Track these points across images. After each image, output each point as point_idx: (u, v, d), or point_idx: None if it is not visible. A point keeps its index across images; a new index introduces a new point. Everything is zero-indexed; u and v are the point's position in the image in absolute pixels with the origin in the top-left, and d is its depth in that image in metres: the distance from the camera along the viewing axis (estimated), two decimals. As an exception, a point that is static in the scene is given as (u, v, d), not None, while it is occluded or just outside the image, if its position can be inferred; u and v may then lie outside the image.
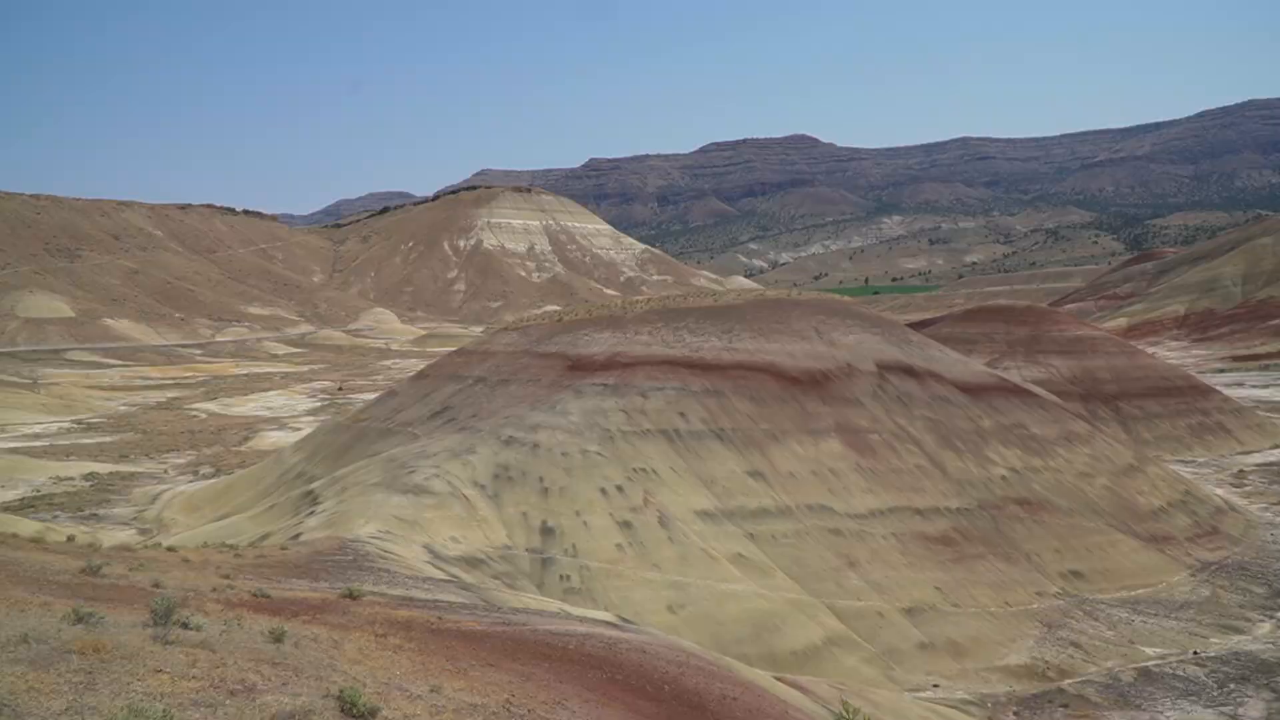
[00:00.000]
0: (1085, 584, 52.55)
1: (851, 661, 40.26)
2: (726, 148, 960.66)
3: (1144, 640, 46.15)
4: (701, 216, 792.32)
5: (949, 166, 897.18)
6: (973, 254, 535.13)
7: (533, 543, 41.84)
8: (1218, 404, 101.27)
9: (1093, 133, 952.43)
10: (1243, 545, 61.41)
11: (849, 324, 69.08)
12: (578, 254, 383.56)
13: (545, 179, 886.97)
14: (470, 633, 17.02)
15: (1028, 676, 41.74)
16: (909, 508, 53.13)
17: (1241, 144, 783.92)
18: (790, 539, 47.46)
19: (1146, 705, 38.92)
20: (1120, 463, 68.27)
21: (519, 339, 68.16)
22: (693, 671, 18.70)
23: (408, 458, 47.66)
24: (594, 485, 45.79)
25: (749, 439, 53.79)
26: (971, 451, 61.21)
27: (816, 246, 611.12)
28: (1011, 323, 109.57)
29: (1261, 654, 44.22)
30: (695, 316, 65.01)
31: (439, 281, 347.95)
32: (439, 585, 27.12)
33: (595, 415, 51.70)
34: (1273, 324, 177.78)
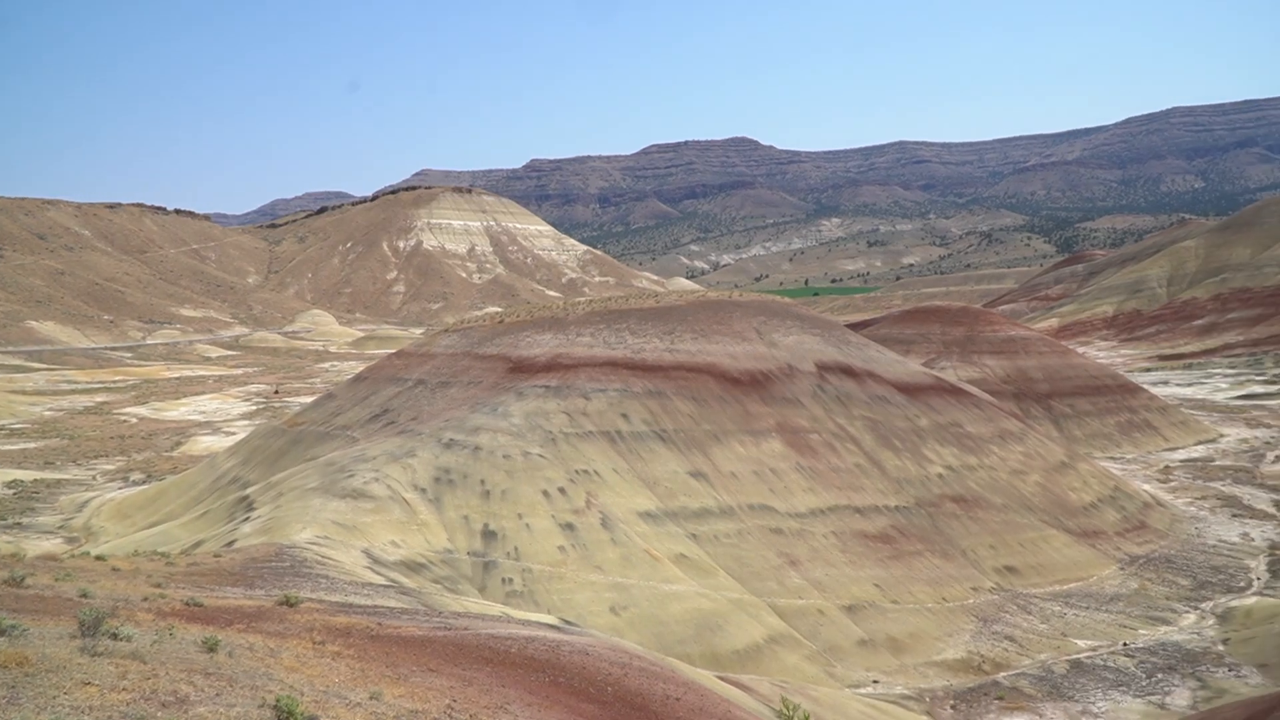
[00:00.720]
0: (1019, 579, 53.70)
1: (793, 659, 40.63)
2: (668, 149, 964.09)
3: (1075, 633, 47.29)
4: (643, 218, 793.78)
5: (886, 170, 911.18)
6: (910, 256, 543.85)
7: (474, 546, 41.53)
8: (1145, 402, 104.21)
9: (1024, 138, 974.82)
10: (1169, 539, 63.26)
11: (789, 325, 69.74)
12: (519, 255, 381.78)
13: (486, 179, 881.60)
14: (411, 638, 16.83)
15: (964, 670, 42.52)
16: (849, 506, 53.80)
17: (1166, 150, 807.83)
18: (732, 539, 47.76)
19: (1078, 696, 39.88)
20: (1052, 460, 69.89)
21: (460, 341, 67.62)
22: (636, 673, 18.70)
23: (346, 461, 46.99)
24: (536, 487, 45.61)
25: (691, 439, 54.01)
26: (909, 450, 62.18)
27: (757, 248, 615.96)
28: (947, 324, 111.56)
29: (1187, 644, 45.60)
30: (637, 318, 65.11)
31: (378, 283, 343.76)
32: (379, 591, 26.78)
33: (537, 417, 51.50)
34: (1196, 324, 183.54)
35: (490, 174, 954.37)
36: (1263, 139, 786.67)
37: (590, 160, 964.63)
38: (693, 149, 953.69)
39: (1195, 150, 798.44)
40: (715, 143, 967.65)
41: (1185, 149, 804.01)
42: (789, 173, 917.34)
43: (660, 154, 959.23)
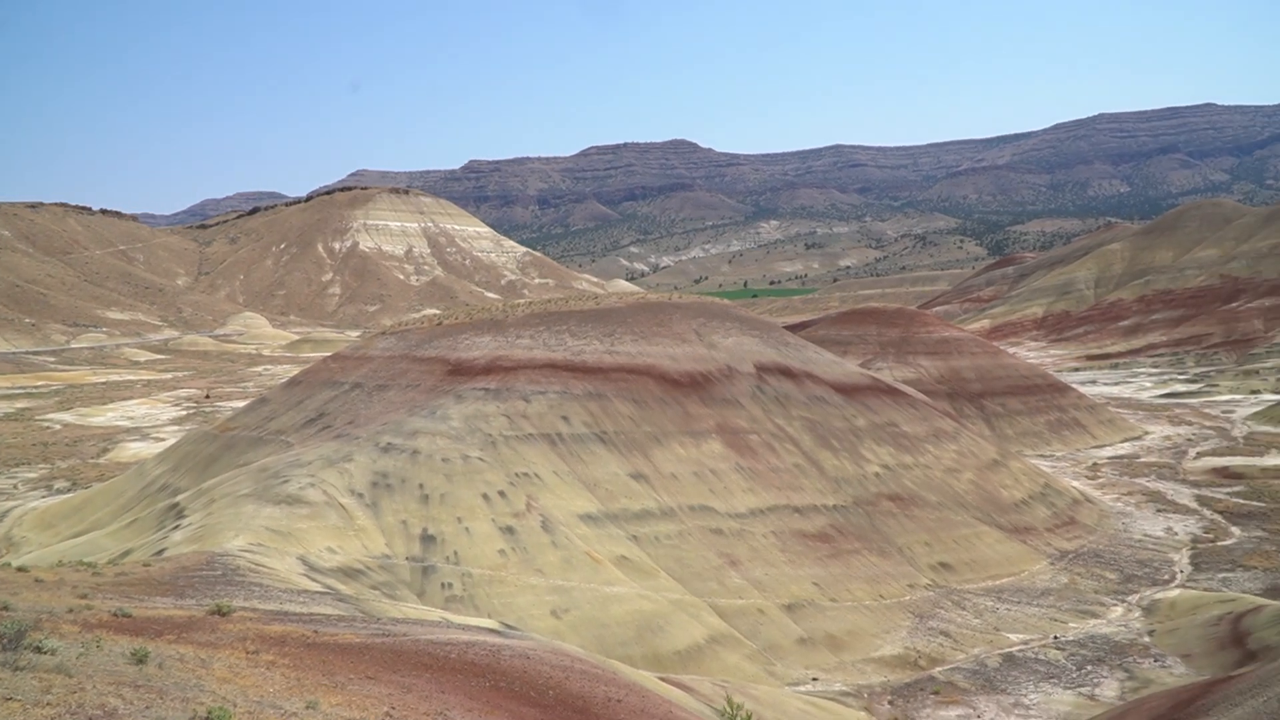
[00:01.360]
0: (954, 575, 54.72)
1: (734, 659, 40.89)
2: (607, 151, 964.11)
3: (1008, 627, 48.33)
4: (582, 220, 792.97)
5: (823, 173, 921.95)
6: (846, 258, 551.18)
7: (413, 551, 41.08)
8: (1073, 401, 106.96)
9: (957, 143, 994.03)
10: (1097, 534, 64.99)
11: (728, 326, 70.22)
12: (457, 257, 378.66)
13: (424, 180, 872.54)
14: (348, 646, 16.58)
15: (901, 666, 43.19)
16: (788, 506, 54.32)
17: (1093, 155, 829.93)
18: (673, 540, 47.92)
19: (1011, 689, 40.76)
20: (985, 458, 71.36)
21: (397, 343, 66.87)
22: (577, 675, 18.66)
23: (281, 467, 46.15)
24: (476, 491, 45.27)
25: (631, 441, 54.08)
26: (847, 450, 63.00)
27: (696, 250, 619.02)
28: (883, 325, 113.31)
29: (1115, 636, 46.88)
30: (577, 320, 65.01)
31: (313, 285, 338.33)
32: (315, 598, 26.35)
33: (476, 420, 51.13)
34: (1122, 324, 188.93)
35: (428, 175, 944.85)
36: (1184, 145, 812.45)
37: (529, 162, 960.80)
38: (632, 151, 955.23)
39: (1120, 156, 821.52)
40: (654, 145, 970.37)
41: (1111, 154, 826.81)
42: (727, 175, 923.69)
43: (599, 156, 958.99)
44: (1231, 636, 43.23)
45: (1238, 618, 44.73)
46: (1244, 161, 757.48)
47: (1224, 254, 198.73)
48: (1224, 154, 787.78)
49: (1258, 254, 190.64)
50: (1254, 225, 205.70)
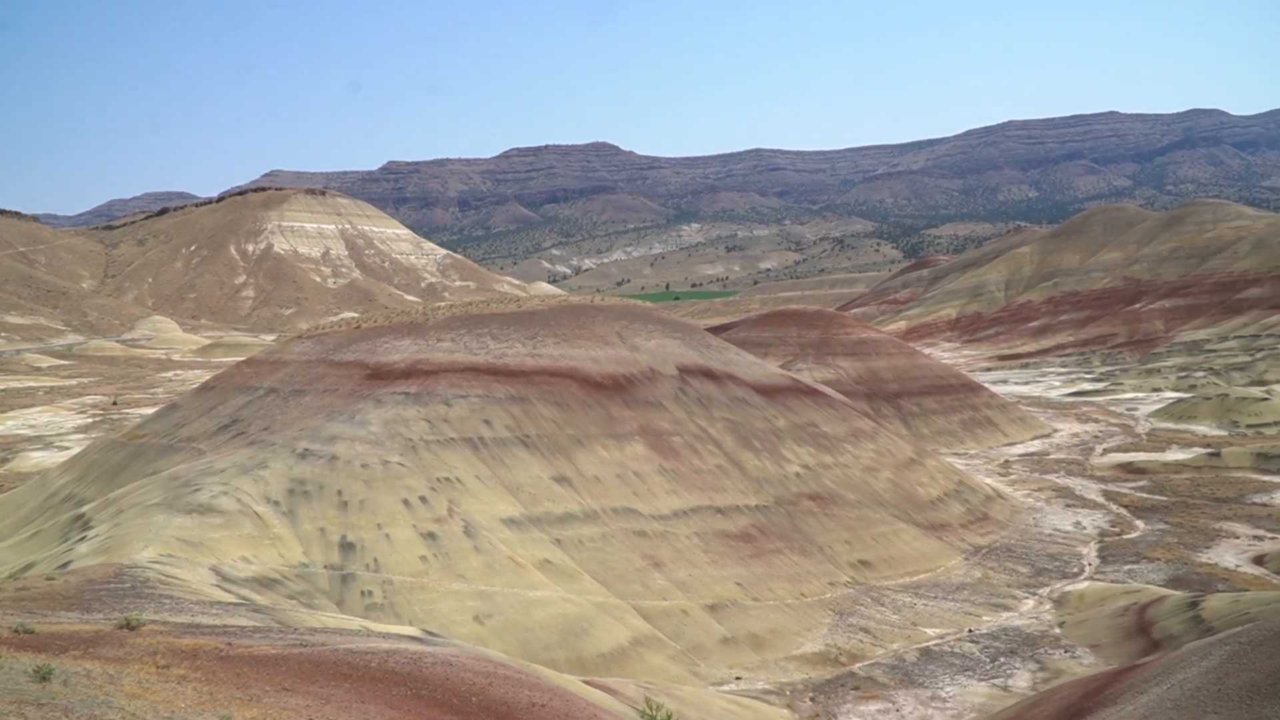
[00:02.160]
0: (873, 572, 55.73)
1: (658, 660, 41.00)
2: (529, 153, 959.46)
3: (925, 622, 49.40)
4: (504, 222, 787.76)
5: (744, 177, 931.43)
6: (767, 261, 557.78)
7: (332, 559, 40.27)
8: (986, 400, 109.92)
9: (873, 148, 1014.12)
10: (1009, 529, 66.86)
11: (651, 329, 70.45)
12: (376, 259, 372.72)
13: (341, 181, 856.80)
14: (263, 657, 16.16)
15: (822, 663, 43.81)
16: (711, 507, 54.69)
17: (1003, 161, 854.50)
18: (597, 543, 47.86)
19: (928, 682, 41.67)
20: (902, 457, 72.86)
21: (314, 347, 65.51)
22: (500, 681, 18.50)
23: (192, 475, 44.82)
24: (396, 497, 44.59)
25: (554, 444, 53.86)
26: (768, 450, 63.70)
27: (619, 253, 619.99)
28: (803, 327, 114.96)
29: (1026, 629, 48.27)
30: (499, 323, 64.53)
31: (225, 288, 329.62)
32: (229, 609, 25.64)
33: (397, 425, 50.37)
34: (1031, 325, 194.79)
35: (345, 175, 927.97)
36: (1089, 151, 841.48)
37: (449, 163, 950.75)
38: (553, 153, 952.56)
39: (1029, 161, 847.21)
40: (576, 147, 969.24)
41: (1020, 160, 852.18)
42: (649, 178, 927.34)
43: (521, 158, 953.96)
44: (1137, 626, 44.86)
45: (1143, 608, 46.44)
46: (1145, 168, 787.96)
47: (1127, 257, 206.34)
48: (1127, 160, 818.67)
49: (1158, 257, 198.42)
50: (1155, 229, 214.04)
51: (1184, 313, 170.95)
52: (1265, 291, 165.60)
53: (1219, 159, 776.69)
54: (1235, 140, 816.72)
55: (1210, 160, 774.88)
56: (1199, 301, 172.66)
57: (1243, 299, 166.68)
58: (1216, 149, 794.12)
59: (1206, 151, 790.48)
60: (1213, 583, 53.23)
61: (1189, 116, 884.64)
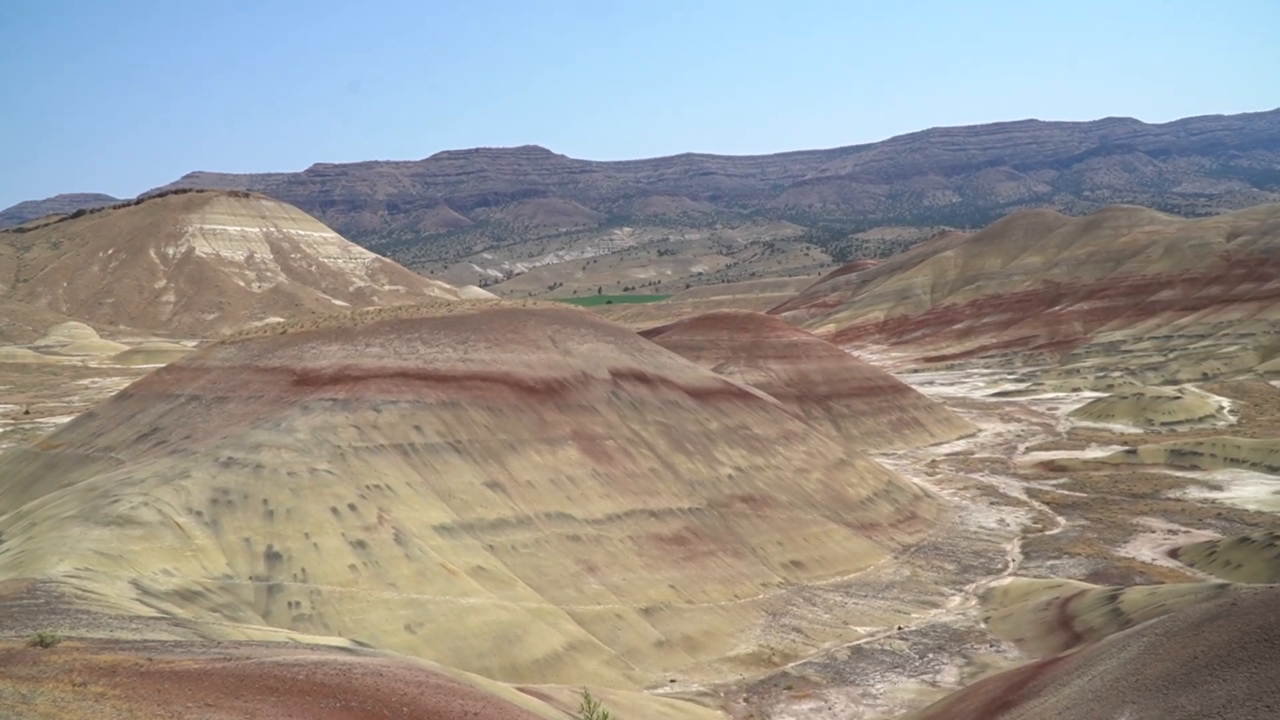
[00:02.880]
0: (805, 572, 56.35)
1: (593, 665, 40.89)
2: (459, 156, 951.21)
3: (856, 620, 50.09)
4: (434, 225, 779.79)
5: (675, 181, 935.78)
6: (698, 264, 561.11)
7: (257, 570, 39.36)
8: (913, 401, 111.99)
9: (802, 153, 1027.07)
10: (936, 528, 68.18)
11: (583, 333, 70.34)
12: (302, 263, 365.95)
13: (265, 183, 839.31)
14: (186, 672, 15.71)
15: (756, 664, 44.14)
16: (644, 510, 54.77)
17: (928, 166, 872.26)
18: (530, 548, 47.58)
19: (859, 680, 42.25)
20: (832, 458, 73.84)
21: (238, 353, 64.05)
22: (432, 690, 18.25)
23: (110, 486, 43.44)
24: (324, 505, 43.78)
25: (487, 450, 53.43)
26: (701, 453, 64.03)
27: (551, 257, 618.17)
28: (735, 330, 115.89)
29: (953, 625, 49.25)
30: (429, 327, 63.82)
31: (145, 292, 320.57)
32: (149, 624, 24.88)
33: (324, 432, 49.47)
34: (956, 328, 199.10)
35: (270, 178, 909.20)
36: (1010, 158, 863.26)
37: (378, 165, 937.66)
38: (484, 156, 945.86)
39: (953, 168, 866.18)
40: (507, 150, 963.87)
41: (944, 166, 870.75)
42: (581, 182, 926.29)
43: (451, 161, 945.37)
44: (1059, 620, 46.08)
45: (1064, 602, 47.72)
46: (1064, 174, 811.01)
47: (1047, 261, 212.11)
48: (1046, 167, 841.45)
49: (1076, 261, 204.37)
50: (1073, 234, 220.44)
51: (1101, 315, 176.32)
52: (1177, 294, 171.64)
53: (1133, 166, 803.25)
54: (1148, 148, 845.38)
55: (1125, 167, 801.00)
56: (1115, 304, 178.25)
57: (1156, 301, 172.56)
58: (1130, 156, 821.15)
59: (1121, 159, 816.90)
60: (1130, 576, 54.95)
61: (1104, 125, 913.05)
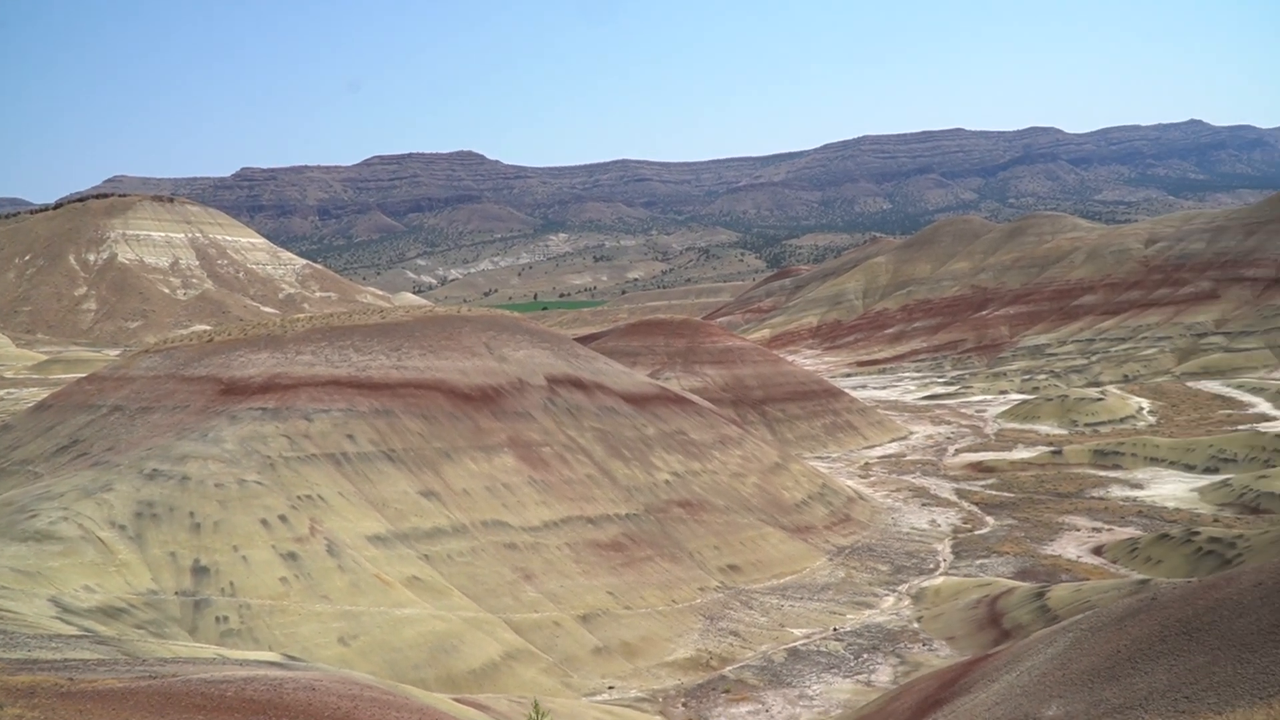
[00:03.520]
0: (741, 576, 56.71)
1: (531, 673, 40.63)
2: (391, 161, 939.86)
3: (792, 622, 50.55)
4: (366, 231, 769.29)
5: (610, 187, 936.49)
6: (634, 270, 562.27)
7: (184, 585, 38.36)
8: (846, 405, 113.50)
9: (736, 160, 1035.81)
10: (870, 529, 69.15)
11: (519, 339, 69.98)
12: (230, 269, 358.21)
13: (191, 188, 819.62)
14: (109, 692, 15.23)
15: (694, 668, 44.28)
16: (581, 517, 54.62)
17: (859, 174, 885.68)
18: (466, 557, 47.14)
19: (795, 681, 42.63)
20: (768, 462, 74.47)
21: (163, 362, 62.42)
22: (367, 704, 17.96)
23: (27, 500, 41.97)
24: (254, 517, 42.85)
25: (421, 458, 52.82)
26: (638, 459, 64.09)
27: (485, 263, 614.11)
28: (670, 336, 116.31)
29: (887, 625, 49.97)
30: (362, 334, 62.92)
31: (64, 300, 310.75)
32: (70, 642, 24.08)
33: (253, 442, 48.43)
34: (888, 332, 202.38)
35: (195, 182, 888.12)
36: (938, 166, 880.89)
37: (308, 170, 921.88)
38: (417, 161, 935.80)
39: (883, 175, 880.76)
40: (440, 155, 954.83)
41: (874, 173, 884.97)
42: (516, 188, 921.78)
43: (383, 165, 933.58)
44: (989, 618, 47.05)
45: (993, 600, 48.75)
46: (990, 182, 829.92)
47: (974, 266, 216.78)
48: (972, 175, 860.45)
49: (1002, 266, 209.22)
50: (999, 240, 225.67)
51: (1026, 319, 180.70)
52: (1098, 298, 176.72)
53: (1056, 174, 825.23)
54: (1070, 156, 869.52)
55: (1048, 175, 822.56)
56: (1040, 308, 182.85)
57: (1079, 305, 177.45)
58: (1053, 164, 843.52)
59: (1044, 167, 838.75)
60: (1057, 574, 56.34)
61: (1028, 134, 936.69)
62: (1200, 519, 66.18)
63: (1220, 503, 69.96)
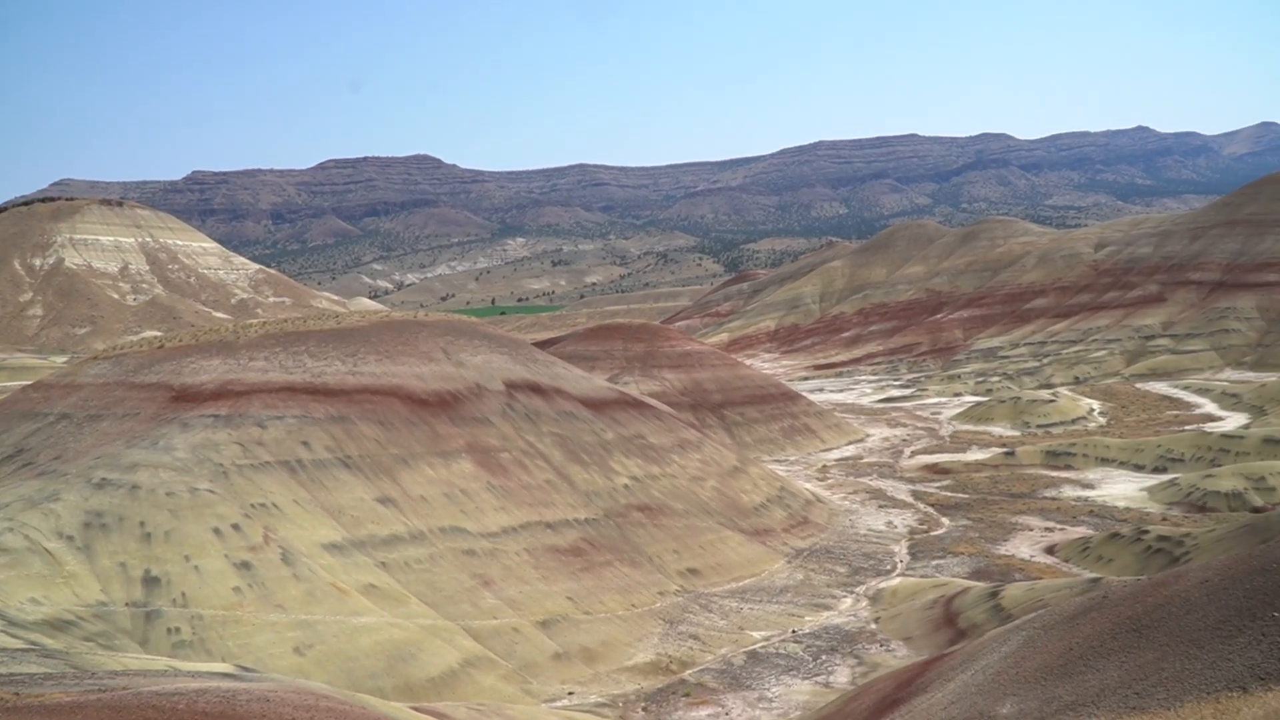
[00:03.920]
0: (701, 579, 56.83)
1: (490, 680, 40.38)
2: (347, 165, 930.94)
3: (751, 625, 50.74)
4: (321, 235, 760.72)
5: (568, 191, 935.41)
6: (592, 275, 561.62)
7: (134, 596, 37.65)
8: (804, 408, 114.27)
9: (693, 165, 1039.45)
10: (828, 531, 69.64)
11: (477, 344, 69.60)
12: (181, 275, 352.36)
13: (140, 191, 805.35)
14: (57, 706, 14.89)
15: (654, 672, 44.28)
16: (540, 522, 54.43)
17: (815, 179, 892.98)
18: (424, 564, 46.75)
19: (755, 684, 42.79)
20: (726, 465, 74.74)
21: (112, 369, 61.24)
22: (323, 714, 17.73)
23: (-28, 511, 40.95)
24: (206, 526, 42.17)
25: (378, 465, 52.32)
26: (597, 463, 64.01)
27: (443, 267, 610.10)
28: (629, 340, 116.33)
29: (845, 626, 50.35)
30: (316, 340, 62.20)
31: (9, 305, 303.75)
32: (16, 656, 23.54)
33: (206, 450, 47.68)
34: (844, 336, 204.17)
35: (145, 185, 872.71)
36: (893, 171, 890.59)
37: (261, 174, 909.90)
38: (373, 165, 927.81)
39: (839, 180, 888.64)
40: (397, 159, 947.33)
41: (831, 179, 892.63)
42: (473, 192, 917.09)
43: (339, 169, 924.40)
44: (945, 618, 47.58)
45: (949, 600, 49.31)
46: (943, 187, 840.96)
47: (928, 271, 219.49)
48: (926, 180, 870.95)
49: (956, 270, 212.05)
50: (952, 244, 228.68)
51: (980, 322, 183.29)
52: (1050, 302, 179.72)
53: (1007, 179, 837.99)
54: (1021, 162, 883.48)
55: (1000, 180, 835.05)
56: (993, 312, 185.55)
57: (1030, 309, 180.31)
58: (1005, 170, 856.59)
59: (996, 173, 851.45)
60: (1010, 573, 57.13)
61: (980, 140, 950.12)
62: (1149, 518, 67.49)
63: (1168, 502, 71.40)
